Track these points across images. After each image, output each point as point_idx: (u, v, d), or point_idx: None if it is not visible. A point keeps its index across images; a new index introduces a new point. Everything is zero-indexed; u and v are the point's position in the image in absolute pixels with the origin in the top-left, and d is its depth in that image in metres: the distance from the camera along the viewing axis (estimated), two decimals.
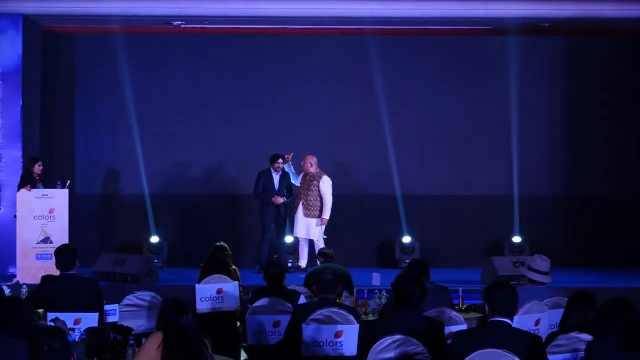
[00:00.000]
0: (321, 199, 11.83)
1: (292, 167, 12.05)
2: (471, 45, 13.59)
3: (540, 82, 13.61)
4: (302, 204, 11.82)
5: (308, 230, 11.84)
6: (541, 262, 7.30)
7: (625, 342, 4.69)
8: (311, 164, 11.88)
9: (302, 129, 13.38)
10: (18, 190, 11.12)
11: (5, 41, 12.25)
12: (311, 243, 11.99)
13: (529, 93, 13.38)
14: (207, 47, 13.51)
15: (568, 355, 5.38)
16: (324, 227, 11.89)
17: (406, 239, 12.86)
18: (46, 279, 7.26)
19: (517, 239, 12.89)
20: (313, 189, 11.83)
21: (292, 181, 12.03)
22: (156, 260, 12.20)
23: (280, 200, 11.83)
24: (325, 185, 11.85)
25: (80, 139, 13.51)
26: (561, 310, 5.92)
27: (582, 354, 5.30)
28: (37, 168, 11.09)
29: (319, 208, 11.82)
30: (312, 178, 11.87)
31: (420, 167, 13.49)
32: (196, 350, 4.85)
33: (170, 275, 11.68)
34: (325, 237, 11.86)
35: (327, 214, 11.83)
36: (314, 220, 11.83)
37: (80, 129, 13.51)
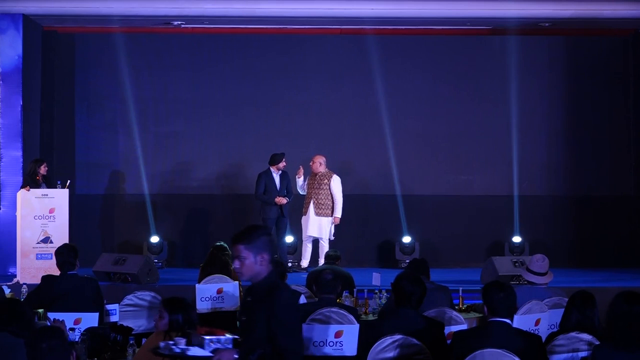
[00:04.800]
0: (332, 197, 11.83)
1: (300, 180, 12.02)
2: (471, 45, 13.60)
3: (540, 82, 13.61)
4: (314, 204, 11.79)
5: (320, 229, 11.82)
6: (537, 264, 7.30)
7: (634, 341, 4.62)
8: (320, 164, 11.88)
9: (302, 129, 13.39)
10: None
11: (5, 41, 12.25)
12: (315, 243, 11.99)
13: (529, 93, 13.38)
14: (207, 47, 13.51)
15: (568, 355, 5.38)
16: (334, 226, 11.88)
17: (406, 239, 12.86)
18: (46, 278, 7.27)
19: (517, 239, 12.88)
20: (324, 187, 11.81)
21: (298, 189, 11.99)
22: (156, 260, 12.20)
23: (284, 201, 11.83)
24: (336, 184, 11.86)
25: (80, 139, 13.51)
26: (561, 310, 5.92)
27: (582, 354, 5.30)
28: (43, 169, 11.10)
29: (330, 207, 11.81)
30: (321, 177, 11.85)
31: (420, 167, 13.49)
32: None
33: (170, 275, 11.68)
34: (332, 238, 11.85)
35: (338, 213, 11.82)
36: (325, 219, 11.82)
37: (80, 129, 13.51)
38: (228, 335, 4.29)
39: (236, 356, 4.12)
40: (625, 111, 13.58)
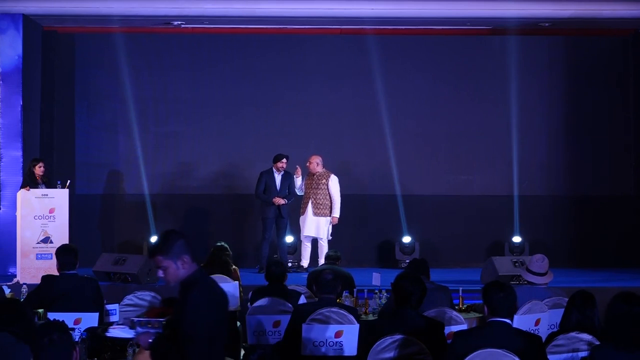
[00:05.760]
0: (330, 197, 11.82)
1: (299, 179, 12.00)
2: (471, 45, 13.60)
3: (540, 82, 13.62)
4: (312, 204, 11.79)
5: (318, 229, 11.81)
6: (537, 264, 7.29)
7: (633, 341, 4.62)
8: (317, 164, 11.87)
9: (302, 129, 13.39)
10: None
11: (5, 41, 12.25)
12: (314, 243, 11.99)
13: (529, 93, 13.39)
14: (207, 47, 13.52)
15: (568, 355, 5.38)
16: (331, 226, 11.88)
17: (406, 239, 12.86)
18: (46, 278, 7.26)
19: (517, 239, 12.89)
20: (322, 187, 11.80)
21: (296, 190, 11.99)
22: None
23: (282, 201, 11.82)
24: (334, 184, 11.85)
25: (80, 139, 13.51)
26: (561, 310, 5.91)
27: (582, 354, 5.30)
28: (38, 169, 11.07)
29: (328, 207, 11.80)
30: (319, 177, 11.84)
31: (420, 167, 13.49)
32: None
33: None
34: (330, 238, 11.85)
35: (337, 213, 11.80)
36: (323, 219, 11.81)
37: (80, 129, 13.51)
38: (161, 319, 4.39)
39: (150, 340, 4.29)
40: (625, 111, 13.58)
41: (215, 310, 4.34)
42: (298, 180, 11.96)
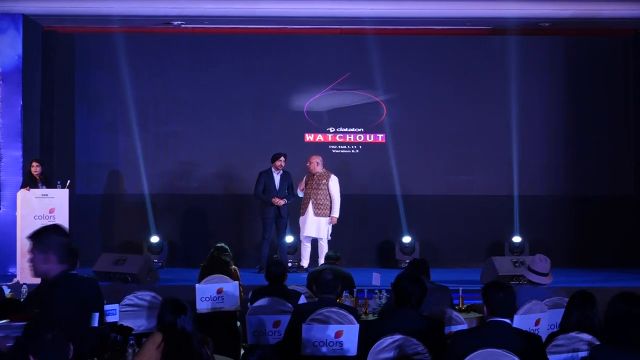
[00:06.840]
0: (330, 197, 11.80)
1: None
2: (471, 45, 13.60)
3: (540, 82, 13.62)
4: (312, 204, 11.76)
5: (318, 229, 11.79)
6: (540, 263, 7.29)
7: (633, 341, 4.63)
8: (317, 163, 11.85)
9: (302, 129, 13.39)
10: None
11: (5, 41, 12.26)
12: (314, 243, 11.98)
13: (529, 93, 13.39)
14: (207, 47, 13.51)
15: (568, 355, 5.38)
16: (331, 226, 11.87)
17: (406, 239, 12.86)
18: None
19: (517, 239, 12.89)
20: (322, 188, 11.78)
21: (298, 192, 11.98)
22: (156, 260, 12.20)
23: (281, 202, 11.81)
24: (334, 184, 11.83)
25: (80, 139, 13.51)
26: (561, 310, 5.91)
27: (582, 354, 5.30)
28: (33, 169, 11.05)
29: (329, 207, 11.77)
30: (320, 177, 11.83)
31: (420, 167, 13.49)
32: (196, 350, 4.85)
33: (170, 275, 11.67)
34: (330, 238, 11.85)
35: (336, 213, 11.78)
36: (324, 220, 11.78)
37: (80, 129, 13.51)
38: (22, 323, 4.39)
39: (9, 344, 4.27)
40: (625, 111, 13.58)
41: (74, 312, 4.32)
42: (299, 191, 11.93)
